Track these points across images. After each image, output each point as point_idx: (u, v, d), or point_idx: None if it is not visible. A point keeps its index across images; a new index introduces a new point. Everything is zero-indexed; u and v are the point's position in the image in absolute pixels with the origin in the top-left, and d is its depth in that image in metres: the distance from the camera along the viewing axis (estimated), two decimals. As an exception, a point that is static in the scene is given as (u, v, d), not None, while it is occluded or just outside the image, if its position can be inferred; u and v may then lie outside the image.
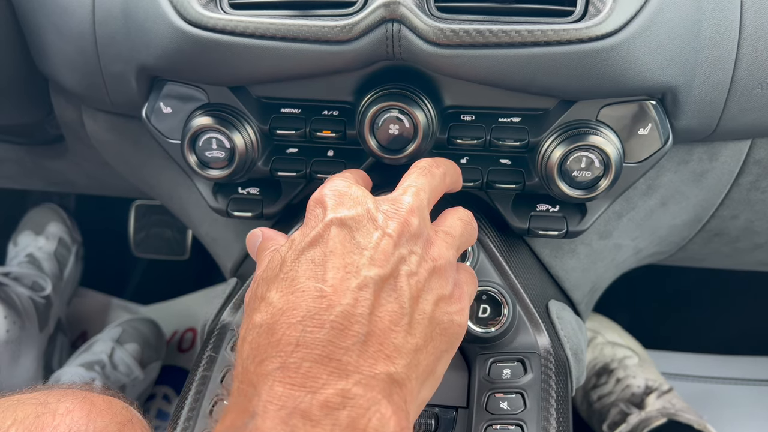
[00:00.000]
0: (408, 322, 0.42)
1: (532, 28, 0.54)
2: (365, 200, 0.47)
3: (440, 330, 0.45)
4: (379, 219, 0.46)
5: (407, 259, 0.45)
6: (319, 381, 0.38)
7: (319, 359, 0.38)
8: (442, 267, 0.47)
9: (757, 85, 0.60)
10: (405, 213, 0.47)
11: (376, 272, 0.42)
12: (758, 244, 0.80)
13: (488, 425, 0.57)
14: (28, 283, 1.28)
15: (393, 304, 0.42)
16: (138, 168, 0.81)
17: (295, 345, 0.39)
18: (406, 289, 0.43)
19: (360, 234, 0.45)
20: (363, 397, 0.38)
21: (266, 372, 0.38)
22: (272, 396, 0.37)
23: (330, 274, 0.42)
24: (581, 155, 0.59)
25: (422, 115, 0.59)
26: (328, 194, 0.47)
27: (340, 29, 0.55)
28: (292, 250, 0.45)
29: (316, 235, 0.45)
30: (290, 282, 0.42)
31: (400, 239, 0.45)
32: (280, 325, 0.40)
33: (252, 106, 0.64)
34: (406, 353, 0.41)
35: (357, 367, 0.39)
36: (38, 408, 0.53)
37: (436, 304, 0.45)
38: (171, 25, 0.58)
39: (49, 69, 0.72)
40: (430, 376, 0.45)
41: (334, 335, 0.39)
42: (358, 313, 0.40)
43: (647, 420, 1.04)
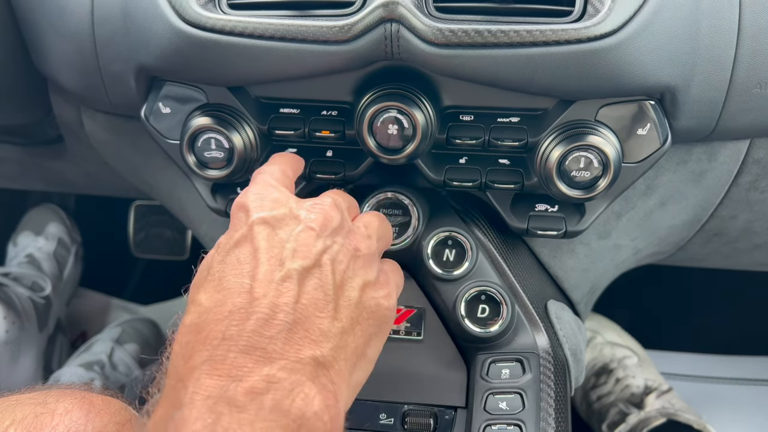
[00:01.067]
0: (333, 307, 0.44)
1: (530, 28, 0.54)
2: (287, 200, 0.49)
3: (367, 314, 0.47)
4: (301, 215, 0.48)
5: (330, 248, 0.47)
6: (244, 369, 0.39)
7: (244, 349, 0.40)
8: (365, 255, 0.49)
9: (756, 85, 0.60)
10: (327, 207, 0.49)
11: (299, 263, 0.44)
12: (757, 244, 0.80)
13: (487, 425, 0.57)
14: (28, 283, 1.28)
15: (317, 292, 0.44)
16: (137, 168, 0.81)
17: (221, 339, 0.40)
18: (330, 277, 0.45)
19: (283, 230, 0.47)
20: (287, 380, 0.39)
21: (194, 366, 0.40)
22: (199, 387, 0.38)
23: (255, 269, 0.44)
24: (580, 155, 0.59)
25: (421, 116, 0.59)
26: (250, 198, 0.49)
27: (339, 29, 0.55)
28: (218, 252, 0.47)
29: (240, 236, 0.46)
30: (217, 282, 0.44)
31: (323, 231, 0.47)
32: (208, 323, 0.42)
33: (251, 107, 0.64)
34: (332, 336, 0.43)
35: (282, 354, 0.40)
36: (37, 408, 0.53)
37: (362, 290, 0.47)
38: (170, 26, 0.58)
39: (48, 69, 0.73)
40: (361, 359, 0.47)
41: (260, 326, 0.41)
42: (282, 303, 0.42)
43: (646, 420, 1.04)
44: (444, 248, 0.66)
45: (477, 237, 0.66)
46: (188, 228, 1.12)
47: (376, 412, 0.63)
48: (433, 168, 0.65)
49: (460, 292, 0.64)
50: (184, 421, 0.37)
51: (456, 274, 0.65)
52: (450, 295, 0.64)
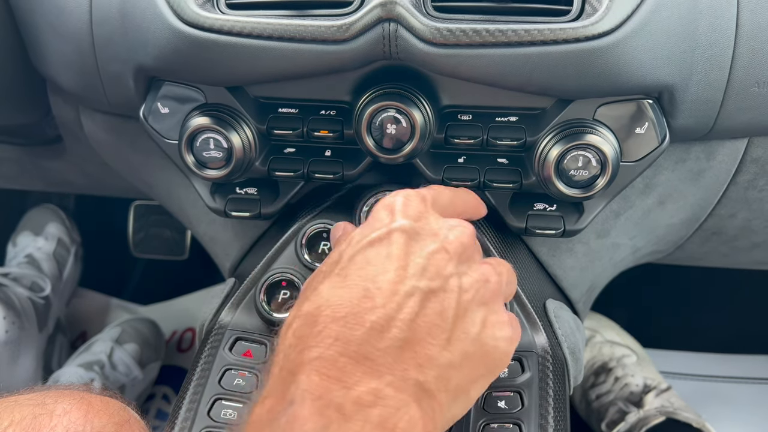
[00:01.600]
0: (447, 337, 0.43)
1: (528, 27, 0.54)
2: (430, 216, 0.49)
3: (482, 353, 0.45)
4: (441, 234, 0.47)
5: (460, 276, 0.46)
6: (353, 377, 0.39)
7: (355, 356, 0.40)
8: (494, 290, 0.47)
9: (754, 84, 0.60)
10: (467, 234, 0.48)
11: (425, 283, 0.44)
12: (756, 243, 0.80)
13: (486, 424, 0.57)
14: (27, 283, 1.28)
15: (436, 317, 0.43)
16: (136, 168, 0.81)
17: (335, 338, 0.40)
18: (453, 304, 0.44)
19: (419, 244, 0.46)
20: (394, 398, 0.39)
21: (306, 361, 0.40)
22: (310, 385, 0.39)
23: (381, 276, 0.43)
24: (578, 154, 0.59)
25: (419, 115, 0.59)
26: (399, 200, 0.49)
27: (337, 29, 0.55)
28: (350, 246, 0.46)
29: (377, 237, 0.46)
30: (343, 278, 0.44)
31: (457, 256, 0.46)
32: (324, 318, 0.41)
33: (249, 106, 0.64)
34: (437, 366, 0.42)
35: (390, 370, 0.40)
36: (35, 409, 0.53)
37: (484, 326, 0.46)
38: (168, 26, 0.58)
39: (47, 69, 0.73)
40: (462, 395, 0.45)
41: (373, 335, 0.40)
42: (399, 318, 0.41)
43: (646, 418, 1.04)
44: (443, 247, 0.66)
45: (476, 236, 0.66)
46: (187, 228, 1.12)
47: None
48: (432, 167, 0.65)
49: (459, 291, 0.63)
50: (295, 417, 0.37)
51: (455, 273, 0.64)
52: None
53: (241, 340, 0.65)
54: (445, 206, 0.54)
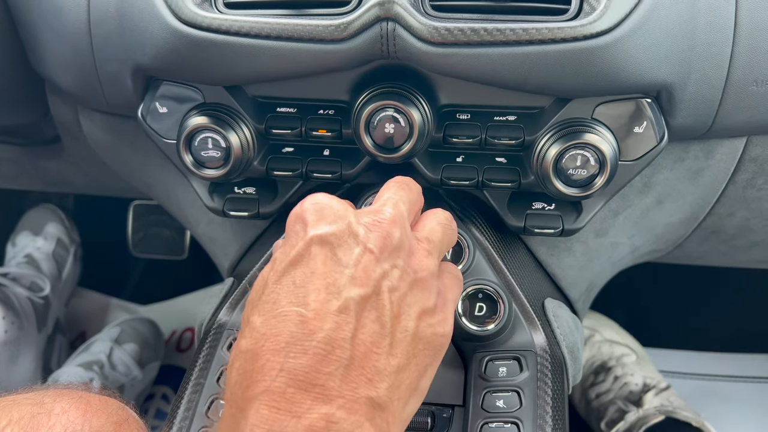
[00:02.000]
0: (389, 342, 0.42)
1: (526, 26, 0.54)
2: (346, 214, 0.46)
3: (423, 345, 0.45)
4: (360, 233, 0.45)
5: (389, 273, 0.44)
6: (303, 406, 0.38)
7: (302, 385, 0.39)
8: (424, 278, 0.46)
9: (753, 83, 0.60)
10: (386, 224, 0.46)
11: (357, 292, 0.42)
12: (754, 241, 0.80)
13: (484, 423, 0.57)
14: (27, 283, 1.28)
15: (374, 325, 0.42)
16: (134, 168, 0.81)
17: (279, 370, 0.40)
18: (388, 307, 0.43)
19: (341, 250, 0.44)
20: (346, 421, 0.39)
21: (253, 396, 0.39)
22: (259, 419, 0.38)
23: (311, 296, 0.42)
24: (577, 153, 0.59)
25: (418, 114, 0.59)
26: (308, 209, 0.47)
27: (335, 28, 0.55)
28: (274, 271, 0.45)
29: (296, 254, 0.44)
30: (272, 305, 0.43)
31: (382, 253, 0.44)
32: (264, 352, 0.41)
33: (248, 106, 0.64)
34: (387, 375, 0.42)
35: (340, 392, 0.39)
36: (34, 408, 0.53)
37: (419, 319, 0.45)
38: (166, 25, 0.58)
39: (45, 69, 0.73)
40: (414, 392, 0.45)
41: (317, 361, 0.40)
42: (340, 337, 0.41)
43: (645, 418, 1.04)
44: (441, 247, 0.66)
45: (474, 235, 0.66)
46: (186, 228, 1.12)
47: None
48: (430, 167, 0.65)
49: (458, 290, 0.64)
50: None
51: (453, 272, 0.64)
52: None
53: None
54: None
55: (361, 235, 0.45)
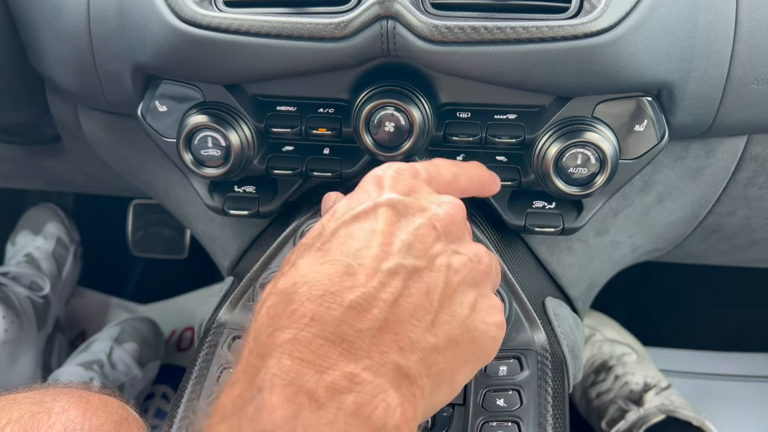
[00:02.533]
0: (432, 319, 0.41)
1: (526, 24, 0.54)
2: (421, 189, 0.46)
3: (469, 337, 0.43)
4: (429, 209, 0.44)
5: (450, 255, 0.43)
6: (328, 360, 0.37)
7: (331, 337, 0.37)
8: (486, 270, 0.45)
9: (753, 81, 0.60)
10: (458, 209, 0.46)
11: (411, 262, 0.41)
12: (755, 240, 0.80)
13: (484, 422, 0.57)
14: (27, 282, 1.28)
15: (421, 297, 0.40)
16: (134, 167, 0.81)
17: (311, 318, 0.38)
18: (441, 284, 0.41)
19: (406, 219, 0.43)
20: (371, 384, 0.37)
21: (277, 343, 0.37)
22: (281, 369, 0.36)
23: (364, 252, 0.41)
24: (577, 152, 0.59)
25: (418, 113, 0.59)
26: (388, 173, 0.46)
27: (335, 26, 0.55)
28: (333, 220, 0.44)
29: (362, 210, 0.43)
30: (323, 253, 0.41)
31: (445, 233, 0.44)
32: (300, 296, 0.39)
33: (247, 104, 0.64)
34: (420, 349, 0.40)
35: (368, 353, 0.38)
36: (34, 407, 0.53)
37: (473, 309, 0.43)
38: (166, 24, 0.58)
39: (45, 68, 0.72)
40: (446, 382, 0.43)
41: (352, 315, 0.38)
42: (381, 297, 0.39)
43: (646, 417, 1.04)
44: (441, 246, 0.65)
45: (474, 234, 0.66)
46: (186, 227, 1.12)
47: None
48: (430, 165, 0.65)
49: (458, 289, 0.63)
50: (264, 405, 0.35)
51: (453, 271, 0.64)
52: None
53: (240, 339, 0.65)
54: (446, 182, 0.50)
55: (431, 211, 0.44)
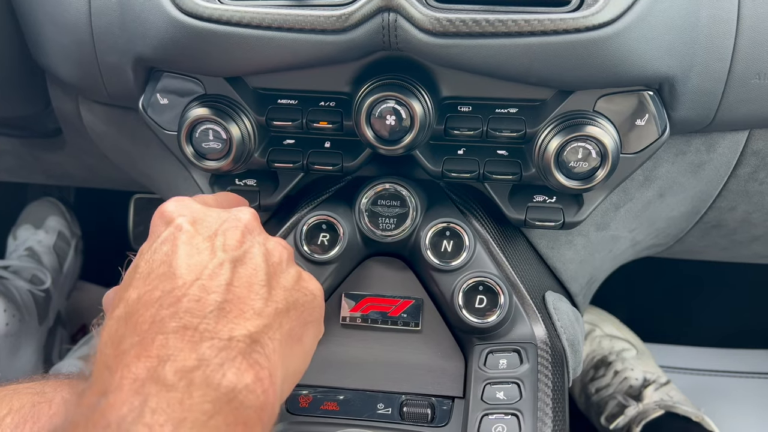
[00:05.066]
0: (267, 291, 0.45)
1: (528, 17, 0.54)
2: (209, 209, 0.51)
3: (303, 300, 0.48)
4: (227, 214, 0.50)
5: (260, 245, 0.48)
6: (175, 349, 0.39)
7: (176, 330, 0.40)
8: (290, 256, 0.51)
9: (755, 76, 0.60)
10: (250, 211, 0.51)
11: (231, 254, 0.46)
12: (755, 236, 0.80)
13: (484, 415, 0.57)
14: (28, 276, 1.28)
15: (251, 277, 0.45)
16: (135, 160, 0.81)
17: (151, 323, 0.40)
18: (263, 266, 0.46)
19: (209, 227, 0.48)
20: (217, 357, 0.39)
21: (122, 351, 0.39)
22: (127, 371, 0.38)
23: (185, 259, 0.44)
24: (578, 146, 0.59)
25: (419, 106, 0.59)
26: (170, 207, 0.50)
27: (336, 19, 0.55)
28: (143, 257, 0.46)
29: (166, 236, 0.47)
30: (146, 275, 0.44)
31: (249, 231, 0.49)
32: (137, 310, 0.42)
33: (248, 97, 0.63)
34: (266, 316, 0.44)
35: (215, 332, 0.40)
36: (34, 397, 0.53)
37: (297, 282, 0.49)
38: (167, 16, 0.58)
39: (46, 61, 0.72)
40: (297, 343, 0.47)
41: (191, 306, 0.41)
42: (214, 284, 0.43)
43: (645, 412, 1.04)
44: (442, 239, 0.66)
45: (475, 228, 0.66)
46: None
47: (374, 402, 0.63)
48: (431, 159, 0.65)
49: (458, 282, 0.64)
50: (110, 406, 0.36)
51: (454, 264, 0.65)
52: (448, 285, 0.64)
53: None
54: (216, 203, 0.56)
55: (231, 216, 0.50)
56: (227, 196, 0.62)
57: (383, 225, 0.67)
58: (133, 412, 0.36)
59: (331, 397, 0.64)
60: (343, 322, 0.67)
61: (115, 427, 0.35)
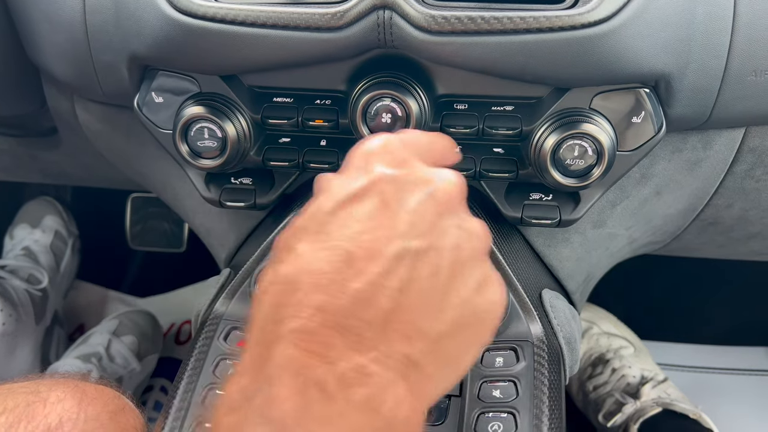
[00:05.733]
0: (439, 305, 0.39)
1: (524, 14, 0.54)
2: (414, 162, 0.43)
3: (476, 319, 0.41)
4: (430, 182, 0.42)
5: (453, 231, 0.41)
6: (336, 351, 0.36)
7: (338, 328, 0.36)
8: (486, 247, 0.43)
9: (751, 73, 0.60)
10: (457, 182, 0.43)
11: (415, 243, 0.39)
12: (752, 233, 0.80)
13: (480, 413, 0.57)
14: (25, 275, 1.28)
15: (427, 281, 0.39)
16: (131, 159, 0.81)
17: (316, 308, 0.36)
18: (447, 265, 0.39)
19: (406, 195, 0.41)
20: (380, 376, 0.36)
21: (284, 333, 0.36)
22: (289, 360, 0.35)
23: (366, 236, 0.38)
24: (574, 143, 0.59)
25: (415, 104, 0.59)
26: (377, 145, 0.44)
27: (331, 16, 0.55)
28: (328, 200, 0.41)
29: (359, 188, 0.41)
30: (323, 235, 0.39)
31: (448, 208, 0.41)
32: (304, 284, 0.37)
33: (244, 96, 0.63)
34: (428, 339, 0.38)
35: (375, 344, 0.36)
36: (29, 397, 0.53)
37: (479, 288, 0.41)
38: (162, 14, 0.58)
39: (41, 59, 0.72)
40: (454, 365, 0.41)
41: (358, 305, 0.37)
42: (387, 285, 0.37)
43: (642, 410, 1.04)
44: (438, 237, 0.65)
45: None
46: (183, 219, 1.12)
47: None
48: (427, 157, 0.64)
49: (454, 281, 0.63)
50: (273, 397, 0.34)
51: (450, 263, 0.64)
52: None
53: (236, 330, 0.65)
54: (423, 152, 0.47)
55: (432, 185, 0.42)
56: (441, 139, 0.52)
57: (379, 223, 0.66)
58: (296, 412, 0.34)
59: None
60: (340, 321, 0.67)
61: (279, 425, 0.33)
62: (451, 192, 0.42)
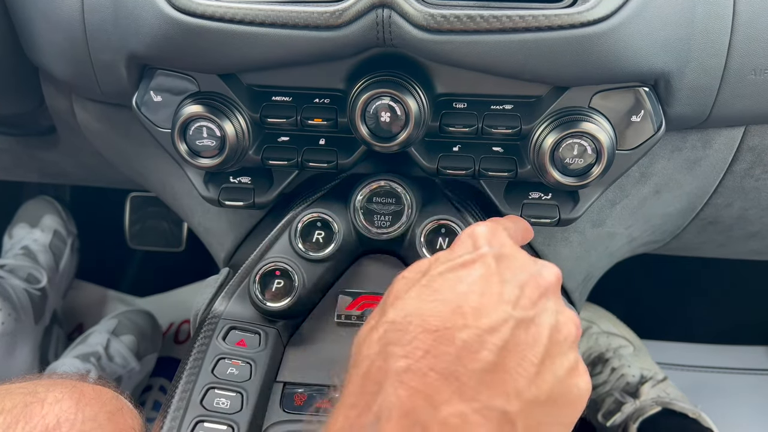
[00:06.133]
0: (536, 372, 0.41)
1: (523, 13, 0.54)
2: (514, 246, 0.48)
3: (566, 399, 0.43)
4: (533, 267, 0.46)
5: (553, 313, 0.43)
6: (441, 396, 0.37)
7: (444, 373, 0.38)
8: (578, 337, 0.46)
9: (751, 72, 0.60)
10: (557, 273, 0.47)
11: (520, 313, 0.41)
12: (752, 232, 0.80)
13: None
14: (24, 275, 1.28)
15: (526, 348, 0.41)
16: (129, 158, 0.81)
17: (425, 351, 0.38)
18: (545, 340, 0.42)
19: (511, 272, 0.44)
20: (480, 426, 0.37)
21: (393, 371, 0.38)
22: (397, 399, 0.37)
23: (474, 297, 0.41)
24: (573, 142, 0.59)
25: (414, 103, 0.58)
26: (482, 230, 0.48)
27: (330, 15, 0.55)
28: (438, 263, 0.45)
29: (469, 258, 0.44)
30: (432, 290, 0.42)
31: (548, 293, 0.44)
32: (414, 327, 0.40)
33: (243, 94, 0.63)
34: (522, 400, 0.40)
35: (475, 395, 0.38)
36: (27, 397, 0.53)
37: (571, 372, 0.43)
38: (160, 12, 0.58)
39: (39, 58, 0.72)
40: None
41: (464, 355, 0.39)
42: (491, 340, 0.39)
43: (642, 409, 1.04)
44: (437, 236, 0.65)
45: (469, 224, 0.66)
46: (182, 218, 1.12)
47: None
48: (427, 156, 0.64)
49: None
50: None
51: (449, 262, 0.64)
52: None
53: (235, 330, 0.65)
54: (515, 235, 0.53)
55: (534, 269, 0.45)
56: (524, 222, 0.58)
57: (378, 222, 0.66)
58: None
59: (325, 394, 0.64)
60: (339, 320, 0.67)
61: None
62: (551, 279, 0.46)
